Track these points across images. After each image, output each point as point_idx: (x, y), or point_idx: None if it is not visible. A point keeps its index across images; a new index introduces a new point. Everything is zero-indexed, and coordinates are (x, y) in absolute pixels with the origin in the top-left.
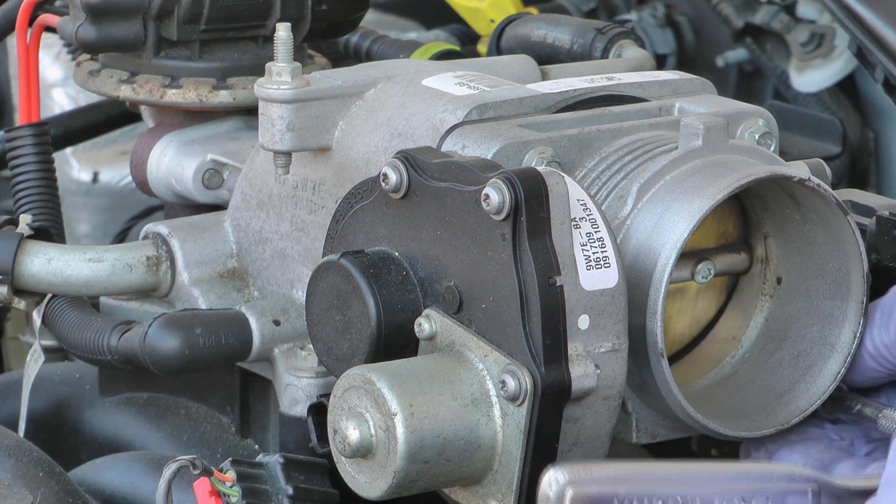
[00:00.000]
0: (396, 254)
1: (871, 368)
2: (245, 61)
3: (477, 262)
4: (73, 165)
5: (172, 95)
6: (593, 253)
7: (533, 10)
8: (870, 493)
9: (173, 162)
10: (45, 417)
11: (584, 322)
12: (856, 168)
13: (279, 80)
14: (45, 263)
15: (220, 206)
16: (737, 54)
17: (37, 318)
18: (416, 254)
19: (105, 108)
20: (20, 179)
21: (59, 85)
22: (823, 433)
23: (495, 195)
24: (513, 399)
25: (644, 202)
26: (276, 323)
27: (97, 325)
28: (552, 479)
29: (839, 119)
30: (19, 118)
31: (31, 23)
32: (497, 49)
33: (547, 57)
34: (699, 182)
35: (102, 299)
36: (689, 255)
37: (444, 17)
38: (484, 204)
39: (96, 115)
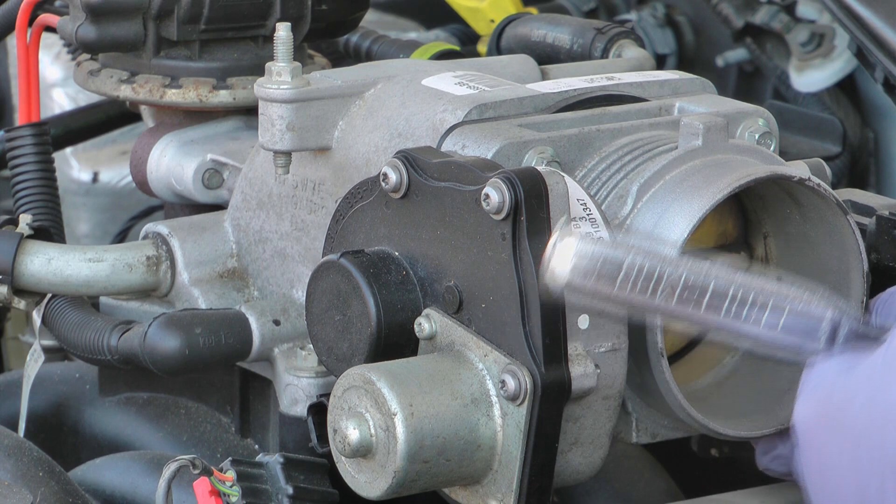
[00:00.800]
0: (396, 254)
1: None
2: (245, 61)
3: (477, 261)
4: (73, 165)
5: (172, 95)
6: None
7: (533, 10)
8: None
9: (173, 162)
10: (45, 417)
11: (583, 322)
12: (856, 168)
13: (279, 79)
14: (44, 263)
15: (220, 206)
16: (737, 54)
17: (37, 318)
18: (416, 254)
19: (105, 108)
20: (20, 179)
21: (59, 85)
22: None
23: (495, 195)
24: (513, 399)
25: (644, 202)
26: (276, 323)
27: (97, 325)
28: (558, 242)
29: (839, 119)
30: (19, 118)
31: (31, 23)
32: (497, 49)
33: (547, 57)
34: (699, 182)
35: (102, 299)
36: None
37: (444, 17)
38: (484, 204)
39: (96, 115)
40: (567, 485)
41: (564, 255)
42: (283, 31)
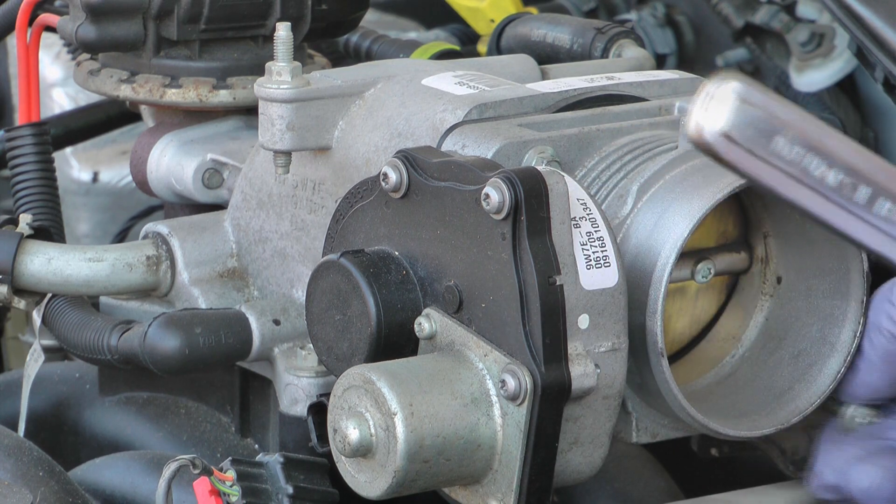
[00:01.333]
0: (396, 253)
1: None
2: (245, 61)
3: (477, 261)
4: (73, 165)
5: (172, 95)
6: (593, 252)
7: (533, 10)
8: None
9: (173, 161)
10: (45, 417)
11: (583, 321)
12: None
13: (279, 79)
14: (44, 263)
15: (220, 206)
16: (737, 54)
17: (37, 318)
18: (416, 253)
19: (105, 108)
20: (20, 179)
21: (59, 85)
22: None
23: (495, 194)
24: (513, 398)
25: (644, 201)
26: (276, 322)
27: (97, 325)
28: (718, 83)
29: (839, 119)
30: (19, 118)
31: (31, 23)
32: (497, 49)
33: (547, 57)
34: (699, 181)
35: (102, 299)
36: (689, 255)
37: (444, 17)
38: (484, 203)
39: (96, 115)
40: (567, 484)
41: (724, 99)
42: (283, 31)
